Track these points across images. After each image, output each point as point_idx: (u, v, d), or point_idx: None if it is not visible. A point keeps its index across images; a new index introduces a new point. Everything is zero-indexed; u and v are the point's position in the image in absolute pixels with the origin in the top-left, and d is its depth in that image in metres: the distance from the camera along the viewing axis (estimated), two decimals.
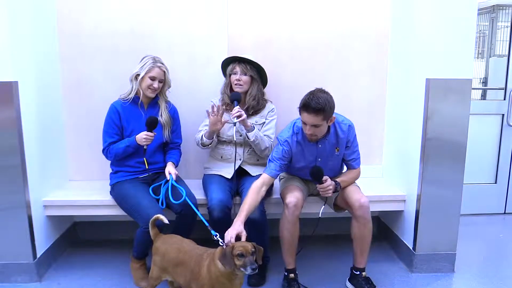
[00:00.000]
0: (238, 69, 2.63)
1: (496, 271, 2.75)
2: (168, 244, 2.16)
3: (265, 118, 2.71)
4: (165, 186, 2.47)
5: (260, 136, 2.59)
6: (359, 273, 2.47)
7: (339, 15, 2.98)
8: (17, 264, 2.50)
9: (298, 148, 2.40)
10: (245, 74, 2.63)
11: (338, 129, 2.40)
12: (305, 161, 2.44)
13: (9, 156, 2.38)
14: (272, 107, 2.75)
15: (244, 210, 2.19)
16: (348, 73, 3.05)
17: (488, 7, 4.15)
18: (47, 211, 2.67)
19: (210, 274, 1.96)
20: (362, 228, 2.38)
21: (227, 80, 2.72)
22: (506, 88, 3.52)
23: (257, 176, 2.57)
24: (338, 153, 2.45)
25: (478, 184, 3.61)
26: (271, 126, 2.71)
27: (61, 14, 2.83)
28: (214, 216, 2.39)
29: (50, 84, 2.76)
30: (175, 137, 2.69)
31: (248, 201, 2.24)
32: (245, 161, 2.68)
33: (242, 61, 2.65)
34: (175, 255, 2.10)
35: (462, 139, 2.56)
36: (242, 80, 2.63)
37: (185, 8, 2.89)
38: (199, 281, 1.99)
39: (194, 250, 2.09)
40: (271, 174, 2.36)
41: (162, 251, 2.15)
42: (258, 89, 2.69)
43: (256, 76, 2.67)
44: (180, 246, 2.13)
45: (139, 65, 2.50)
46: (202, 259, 2.02)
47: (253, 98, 2.66)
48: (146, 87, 2.50)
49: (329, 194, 2.32)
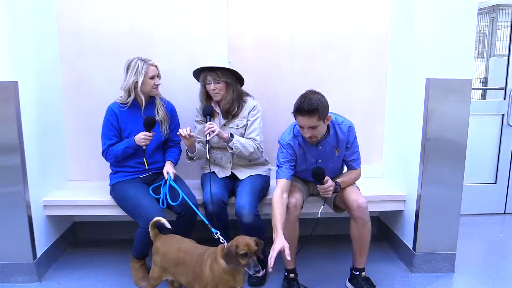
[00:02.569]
0: (210, 78, 2.53)
1: (496, 271, 2.75)
2: (168, 244, 2.16)
3: (246, 119, 2.63)
4: (166, 186, 2.46)
5: (242, 144, 2.54)
6: (359, 273, 2.47)
7: (339, 15, 2.98)
8: (17, 264, 2.50)
9: (300, 151, 2.40)
10: (219, 82, 2.53)
11: (338, 130, 2.39)
12: (306, 163, 2.44)
13: (9, 156, 2.38)
14: (252, 105, 2.64)
15: (278, 223, 2.15)
16: (348, 73, 3.04)
17: (488, 7, 4.15)
18: (47, 211, 2.67)
19: (213, 273, 1.97)
20: (361, 229, 2.38)
21: (202, 90, 2.63)
22: (506, 88, 3.52)
23: (246, 178, 2.60)
24: (338, 154, 2.45)
25: (478, 184, 3.61)
26: (254, 127, 2.62)
27: (61, 14, 2.83)
28: (209, 209, 2.39)
29: (50, 84, 2.76)
30: (174, 135, 2.68)
31: (277, 214, 2.19)
32: (236, 163, 2.66)
33: (212, 69, 2.54)
34: (175, 255, 2.10)
35: (462, 139, 2.56)
36: (217, 88, 2.54)
37: (185, 8, 2.89)
38: (202, 280, 1.99)
39: (194, 250, 2.10)
40: (285, 177, 2.33)
41: (163, 251, 2.15)
42: (234, 92, 2.58)
43: (230, 79, 2.57)
44: (180, 245, 2.14)
45: (131, 72, 2.45)
46: (203, 259, 2.02)
47: (227, 102, 2.58)
48: (151, 88, 2.50)
49: (329, 195, 2.33)
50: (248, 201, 2.40)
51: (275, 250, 2.05)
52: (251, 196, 2.45)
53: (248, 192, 2.47)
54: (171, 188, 2.45)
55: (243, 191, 2.49)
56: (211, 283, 1.97)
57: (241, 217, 2.39)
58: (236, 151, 2.54)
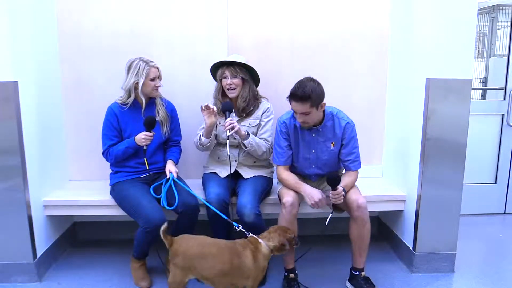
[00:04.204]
0: (227, 73, 2.56)
1: (496, 271, 2.75)
2: (186, 242, 2.16)
3: (259, 119, 2.66)
4: (165, 186, 2.45)
5: (256, 143, 2.56)
6: (358, 273, 2.47)
7: (339, 15, 2.98)
8: (17, 264, 2.50)
9: (294, 134, 2.46)
10: (236, 77, 2.56)
11: (336, 123, 2.43)
12: (299, 151, 2.48)
13: (9, 156, 2.38)
14: (267, 107, 2.68)
15: (300, 181, 2.42)
16: (348, 73, 3.04)
17: (488, 7, 4.14)
18: (47, 211, 2.67)
19: (258, 262, 2.13)
20: (361, 229, 2.38)
21: (218, 85, 2.66)
22: (506, 88, 3.52)
23: (250, 178, 2.61)
24: (333, 148, 2.46)
25: (478, 184, 3.61)
26: (267, 128, 2.66)
27: (61, 14, 2.83)
28: (211, 211, 2.39)
29: (50, 84, 2.76)
30: (174, 135, 2.69)
31: (293, 178, 2.44)
32: (241, 162, 2.66)
33: (231, 64, 2.58)
34: (198, 250, 2.12)
35: (462, 139, 2.56)
36: (234, 83, 2.57)
37: (185, 8, 2.89)
38: (245, 271, 2.11)
39: (219, 243, 2.19)
40: (282, 163, 2.47)
41: (183, 250, 2.13)
42: (250, 90, 2.62)
43: (247, 77, 2.61)
44: (198, 241, 2.17)
45: (132, 73, 2.45)
46: (239, 250, 2.13)
47: (244, 100, 2.61)
48: (151, 90, 2.50)
49: (341, 200, 2.33)
50: (250, 201, 2.41)
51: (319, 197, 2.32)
52: (253, 196, 2.45)
53: (250, 192, 2.47)
54: (170, 189, 2.44)
55: (245, 190, 2.49)
56: (255, 271, 2.12)
57: (243, 216, 2.39)
58: (250, 149, 2.55)
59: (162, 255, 2.51)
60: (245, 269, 2.11)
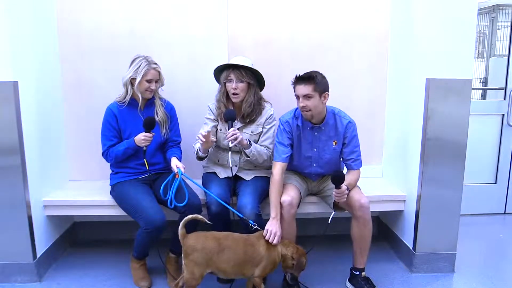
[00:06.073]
0: (233, 76, 2.47)
1: (496, 271, 2.75)
2: (201, 237, 2.19)
3: (262, 126, 2.59)
4: (174, 186, 2.39)
5: (258, 151, 2.51)
6: (359, 273, 2.47)
7: (339, 15, 2.98)
8: (17, 264, 2.50)
9: (297, 132, 2.45)
10: (241, 81, 2.48)
11: (338, 122, 2.44)
12: (301, 149, 2.48)
13: (9, 156, 2.38)
14: (270, 113, 2.60)
15: (278, 206, 2.34)
16: (348, 73, 3.05)
17: (488, 7, 4.15)
18: (47, 211, 2.67)
19: (270, 252, 2.22)
20: (362, 228, 2.38)
21: (222, 88, 2.58)
22: (506, 88, 3.53)
23: (252, 179, 2.58)
24: (335, 147, 2.46)
25: (478, 184, 3.61)
26: (269, 135, 2.59)
27: (61, 14, 2.83)
28: (213, 210, 2.39)
29: (50, 84, 2.76)
30: (173, 135, 2.67)
31: (277, 191, 2.37)
32: (241, 167, 2.64)
33: (237, 67, 2.50)
34: (216, 243, 2.17)
35: (462, 139, 2.56)
36: (239, 87, 2.48)
37: (185, 8, 2.89)
38: (257, 259, 2.20)
39: (232, 235, 2.25)
40: (281, 160, 2.43)
41: (200, 245, 2.15)
42: (254, 95, 2.55)
43: (253, 81, 2.53)
44: (213, 235, 2.21)
45: (132, 68, 2.45)
46: (253, 241, 2.22)
47: (249, 105, 2.53)
48: (144, 90, 2.48)
49: (345, 199, 2.32)
50: (250, 201, 2.40)
51: (276, 233, 2.24)
52: (254, 196, 2.44)
53: (251, 192, 2.47)
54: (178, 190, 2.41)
55: (246, 190, 2.49)
56: (265, 261, 2.20)
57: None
58: (252, 158, 2.51)
59: (162, 255, 2.52)
60: (257, 257, 2.19)
